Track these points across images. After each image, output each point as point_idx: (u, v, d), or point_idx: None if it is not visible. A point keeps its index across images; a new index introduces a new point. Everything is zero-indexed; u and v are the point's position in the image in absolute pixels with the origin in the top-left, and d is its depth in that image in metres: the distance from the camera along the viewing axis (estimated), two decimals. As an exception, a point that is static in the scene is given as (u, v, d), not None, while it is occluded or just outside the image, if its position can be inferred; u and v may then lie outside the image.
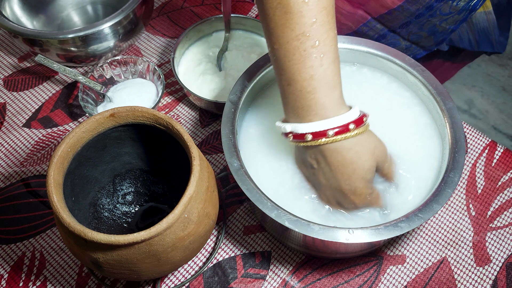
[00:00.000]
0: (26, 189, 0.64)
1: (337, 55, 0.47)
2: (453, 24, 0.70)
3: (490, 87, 1.72)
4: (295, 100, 0.47)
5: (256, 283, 0.58)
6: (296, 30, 0.45)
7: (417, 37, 0.72)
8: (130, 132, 0.53)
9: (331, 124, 0.46)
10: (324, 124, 0.46)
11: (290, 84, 0.47)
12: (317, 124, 0.47)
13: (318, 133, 0.47)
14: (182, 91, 0.74)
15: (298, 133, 0.48)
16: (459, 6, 0.66)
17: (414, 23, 0.70)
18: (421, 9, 0.67)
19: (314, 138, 0.47)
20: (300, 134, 0.48)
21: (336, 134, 0.46)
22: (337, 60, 0.47)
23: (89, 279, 0.58)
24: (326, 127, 0.46)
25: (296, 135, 0.48)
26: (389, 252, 0.60)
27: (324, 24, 0.45)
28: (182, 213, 0.43)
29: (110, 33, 0.70)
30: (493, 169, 0.66)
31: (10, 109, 0.72)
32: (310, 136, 0.47)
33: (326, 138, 0.46)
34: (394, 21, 0.70)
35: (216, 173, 0.66)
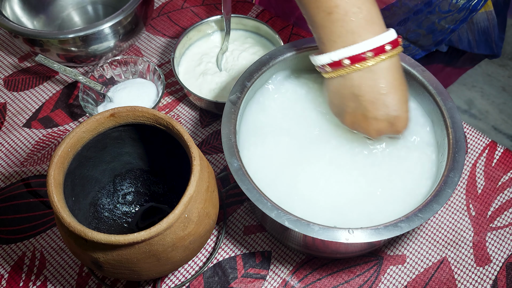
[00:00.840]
0: (26, 189, 0.64)
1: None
2: (453, 24, 0.70)
3: (490, 87, 1.72)
4: (342, 26, 0.46)
5: (256, 283, 0.58)
6: None
7: (415, 35, 0.72)
8: (130, 132, 0.53)
9: (386, 38, 0.46)
10: (381, 38, 0.46)
11: (332, 12, 0.46)
12: (375, 40, 0.46)
13: (378, 49, 0.46)
14: (182, 91, 0.74)
15: (356, 54, 0.46)
16: (458, 4, 0.66)
17: (412, 19, 0.69)
18: (420, 5, 0.67)
19: (375, 55, 0.46)
20: (359, 55, 0.46)
21: (392, 49, 0.46)
22: None
23: (89, 279, 0.58)
24: (384, 41, 0.46)
25: (353, 58, 0.46)
26: (389, 252, 0.60)
27: None
28: (182, 213, 0.44)
29: (111, 33, 0.70)
30: (493, 169, 0.66)
31: (10, 109, 0.72)
32: (370, 54, 0.46)
33: (385, 54, 0.46)
34: (392, 17, 0.70)
35: (216, 173, 0.66)
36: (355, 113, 0.50)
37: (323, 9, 0.47)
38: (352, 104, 0.49)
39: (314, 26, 0.49)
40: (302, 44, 0.59)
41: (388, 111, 0.48)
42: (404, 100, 0.49)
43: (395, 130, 0.50)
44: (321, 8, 0.47)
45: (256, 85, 0.58)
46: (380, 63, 0.46)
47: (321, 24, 0.48)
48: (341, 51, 0.47)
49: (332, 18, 0.47)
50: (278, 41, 0.70)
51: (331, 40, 0.48)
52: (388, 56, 0.46)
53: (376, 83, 0.47)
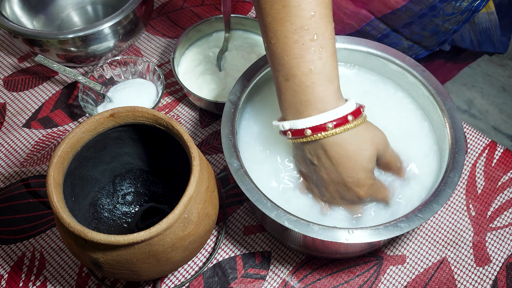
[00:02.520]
0: (26, 189, 0.64)
1: (335, 49, 0.47)
2: (456, 25, 0.70)
3: (490, 87, 1.72)
4: (293, 96, 0.47)
5: (256, 283, 0.58)
6: (295, 23, 0.44)
7: (419, 37, 0.72)
8: (130, 132, 0.53)
9: (329, 117, 0.46)
10: (323, 117, 0.46)
11: (288, 79, 0.47)
12: (316, 118, 0.46)
13: (318, 127, 0.46)
14: (182, 91, 0.74)
15: (297, 129, 0.47)
16: (462, 6, 0.66)
17: (417, 23, 0.69)
18: (425, 9, 0.67)
19: (313, 132, 0.46)
20: (299, 130, 0.47)
21: (335, 127, 0.46)
22: (335, 53, 0.47)
23: (89, 279, 0.58)
24: (325, 120, 0.46)
25: (295, 132, 0.48)
26: (389, 252, 0.60)
27: (322, 17, 0.45)
28: (182, 213, 0.44)
29: (110, 33, 0.70)
30: (493, 169, 0.66)
31: (10, 109, 0.72)
32: (309, 131, 0.46)
33: (326, 132, 0.46)
34: (397, 21, 0.70)
35: (216, 173, 0.66)
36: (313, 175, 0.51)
37: (282, 74, 0.47)
38: (310, 166, 0.50)
39: (276, 87, 0.49)
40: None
41: (341, 178, 0.48)
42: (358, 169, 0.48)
43: (355, 195, 0.49)
44: (281, 72, 0.47)
45: (256, 85, 0.58)
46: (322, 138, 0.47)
47: (279, 88, 0.48)
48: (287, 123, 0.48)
49: (287, 85, 0.47)
50: (278, 41, 0.70)
51: (284, 108, 0.49)
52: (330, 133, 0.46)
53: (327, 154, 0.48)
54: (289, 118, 0.49)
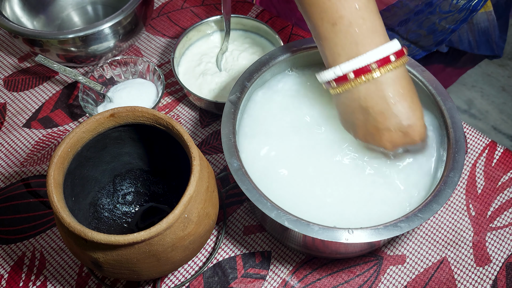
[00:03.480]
0: (26, 189, 0.64)
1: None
2: (453, 24, 0.70)
3: (490, 87, 1.72)
4: (345, 37, 0.46)
5: (256, 283, 0.58)
6: None
7: (416, 35, 0.72)
8: (130, 132, 0.53)
9: (391, 48, 0.46)
10: (385, 49, 0.45)
11: (336, 22, 0.46)
12: (378, 50, 0.45)
13: (383, 60, 0.45)
14: (182, 91, 0.74)
15: (360, 66, 0.46)
16: (459, 4, 0.66)
17: (413, 20, 0.69)
18: (420, 6, 0.67)
19: (380, 66, 0.45)
20: (363, 68, 0.45)
21: (397, 59, 0.46)
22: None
23: (89, 279, 0.58)
24: (388, 52, 0.45)
25: (358, 71, 0.46)
26: (389, 252, 0.60)
27: None
28: (182, 213, 0.44)
29: (110, 33, 0.70)
30: (493, 169, 0.66)
31: (10, 109, 0.72)
32: (375, 66, 0.45)
33: (391, 64, 0.45)
34: (392, 18, 0.70)
35: (216, 173, 0.66)
36: (366, 126, 0.49)
37: (327, 20, 0.46)
38: (361, 117, 0.49)
39: (318, 38, 0.48)
40: (302, 44, 0.59)
41: (399, 121, 0.47)
42: (415, 108, 0.48)
43: (410, 140, 0.49)
44: (325, 19, 0.46)
45: (256, 85, 0.58)
46: (386, 74, 0.46)
47: (325, 36, 0.47)
48: (345, 64, 0.46)
49: (336, 29, 0.46)
50: (278, 41, 0.70)
51: (335, 53, 0.47)
52: (393, 66, 0.46)
53: (384, 93, 0.46)
54: (343, 61, 0.47)
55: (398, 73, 0.47)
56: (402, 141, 0.49)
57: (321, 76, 0.50)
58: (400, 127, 0.47)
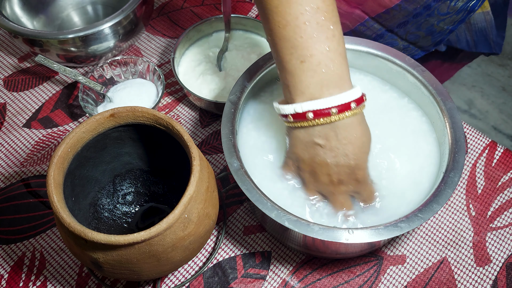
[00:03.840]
0: (26, 189, 0.64)
1: (340, 26, 0.47)
2: (451, 25, 0.70)
3: (490, 87, 1.72)
4: (312, 76, 0.46)
5: (256, 283, 0.58)
6: (302, 3, 0.44)
7: (414, 37, 0.72)
8: (130, 132, 0.53)
9: (353, 95, 0.46)
10: (348, 95, 0.46)
11: (305, 60, 0.46)
12: (341, 96, 0.46)
13: (343, 106, 0.46)
14: (182, 91, 0.74)
15: (320, 109, 0.46)
16: (457, 6, 0.66)
17: (411, 22, 0.69)
18: (419, 9, 0.67)
19: (339, 112, 0.46)
20: (323, 110, 0.46)
21: (357, 106, 0.46)
22: (341, 30, 0.47)
23: (89, 279, 0.58)
24: (350, 99, 0.46)
25: (317, 112, 0.46)
26: (389, 252, 0.60)
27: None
28: (182, 213, 0.44)
29: (110, 33, 0.70)
30: (493, 169, 0.66)
31: (10, 109, 0.72)
32: (335, 110, 0.46)
33: (350, 111, 0.46)
34: (391, 20, 0.70)
35: (216, 173, 0.66)
36: (315, 159, 0.49)
37: (296, 56, 0.46)
38: (312, 151, 0.49)
39: (284, 72, 0.48)
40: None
41: (347, 160, 0.48)
42: (363, 151, 0.48)
43: (355, 178, 0.49)
44: (295, 55, 0.46)
45: (256, 85, 0.58)
46: (343, 120, 0.46)
47: (291, 72, 0.47)
48: (306, 104, 0.46)
49: (303, 67, 0.46)
50: (278, 41, 0.70)
51: (298, 90, 0.47)
52: (352, 113, 0.46)
53: (338, 136, 0.47)
54: (304, 100, 0.47)
55: (354, 120, 0.47)
56: (348, 179, 0.49)
57: (279, 109, 0.50)
58: (348, 164, 0.48)
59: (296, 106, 0.47)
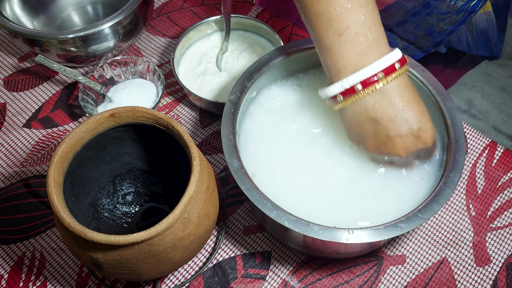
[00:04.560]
0: (26, 189, 0.64)
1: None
2: (451, 25, 0.69)
3: (490, 87, 1.72)
4: (351, 48, 0.46)
5: (256, 283, 0.58)
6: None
7: (414, 36, 0.72)
8: (130, 132, 0.53)
9: (395, 56, 0.46)
10: (390, 58, 0.46)
11: (342, 33, 0.46)
12: (384, 60, 0.45)
13: (388, 68, 0.45)
14: (182, 91, 0.74)
15: (367, 77, 0.46)
16: (457, 5, 0.66)
17: (411, 21, 0.69)
18: (418, 7, 0.66)
19: (386, 75, 0.45)
20: (370, 78, 0.45)
21: (401, 66, 0.46)
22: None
23: (89, 279, 0.58)
24: (393, 60, 0.46)
25: (365, 82, 0.46)
26: (389, 252, 0.60)
27: None
28: (182, 213, 0.44)
29: (110, 33, 0.70)
30: (493, 169, 0.66)
31: (10, 109, 0.72)
32: (381, 75, 0.45)
33: (396, 72, 0.46)
34: (390, 18, 0.70)
35: (216, 173, 0.66)
36: (377, 136, 0.49)
37: (333, 30, 0.46)
38: (371, 128, 0.48)
39: (322, 49, 0.48)
40: (302, 44, 0.59)
41: (410, 125, 0.47)
42: (422, 111, 0.48)
43: (422, 143, 0.49)
44: (331, 29, 0.46)
45: (256, 85, 0.58)
46: (391, 82, 0.46)
47: (330, 47, 0.47)
48: (352, 76, 0.46)
49: (341, 40, 0.46)
50: (278, 41, 0.70)
51: (340, 65, 0.47)
52: (398, 74, 0.46)
53: (391, 101, 0.47)
54: (349, 73, 0.47)
55: (402, 80, 0.47)
56: (414, 145, 0.49)
57: (326, 92, 0.49)
58: (412, 131, 0.48)
59: (343, 82, 0.47)
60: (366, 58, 0.46)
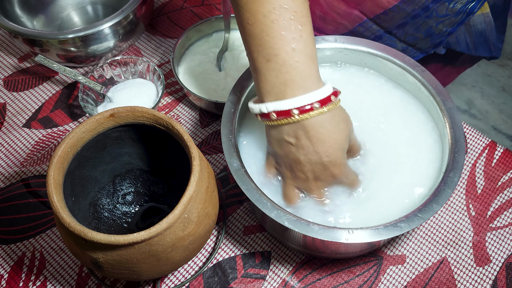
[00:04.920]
0: (26, 189, 0.64)
1: (312, 27, 0.47)
2: (450, 27, 0.70)
3: (490, 87, 1.72)
4: (276, 76, 0.46)
5: (256, 283, 0.58)
6: (272, 2, 0.44)
7: (413, 38, 0.72)
8: (130, 132, 0.53)
9: (316, 96, 0.46)
10: (310, 97, 0.46)
11: (270, 59, 0.46)
12: (303, 98, 0.46)
13: (305, 107, 0.46)
14: (182, 91, 0.74)
15: (283, 110, 0.46)
16: (455, 8, 0.66)
17: (410, 24, 0.69)
18: (417, 10, 0.67)
19: (301, 113, 0.46)
20: (285, 111, 0.46)
21: (321, 106, 0.46)
22: (312, 31, 0.47)
23: (89, 279, 0.58)
24: (312, 100, 0.46)
25: (280, 113, 0.47)
26: (389, 252, 0.60)
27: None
28: (182, 213, 0.44)
29: (110, 33, 0.70)
30: (493, 169, 0.66)
31: (10, 109, 0.72)
32: (296, 111, 0.46)
33: (312, 112, 0.46)
34: (390, 21, 0.70)
35: (216, 173, 0.66)
36: (289, 156, 0.49)
37: (262, 55, 0.46)
38: (286, 148, 0.49)
39: (252, 69, 0.49)
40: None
41: (319, 157, 0.48)
42: (336, 148, 0.48)
43: (331, 175, 0.49)
44: (261, 53, 0.46)
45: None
46: (308, 119, 0.46)
47: (259, 70, 0.47)
48: (270, 104, 0.47)
49: (269, 66, 0.46)
50: (278, 41, 0.70)
51: (265, 90, 0.48)
52: (317, 113, 0.46)
53: (306, 134, 0.47)
54: (270, 100, 0.47)
55: (324, 118, 0.47)
56: (324, 175, 0.49)
57: (251, 107, 0.50)
58: (321, 162, 0.48)
59: (262, 106, 0.48)
60: (288, 91, 0.46)
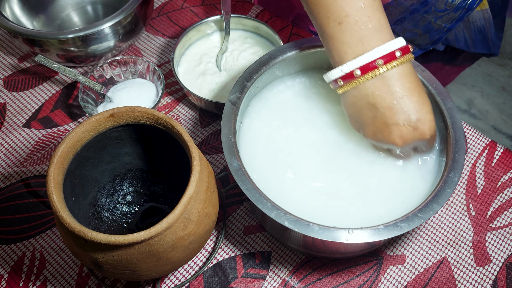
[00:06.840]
0: (26, 189, 0.64)
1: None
2: (449, 23, 0.69)
3: (490, 87, 1.72)
4: (352, 35, 0.47)
5: (256, 283, 0.58)
6: None
7: (412, 34, 0.72)
8: (130, 132, 0.53)
9: (396, 44, 0.46)
10: (391, 45, 0.46)
11: (342, 21, 0.47)
12: (384, 47, 0.46)
13: (388, 55, 0.46)
14: (182, 91, 0.74)
15: (366, 63, 0.46)
16: (454, 3, 0.66)
17: (408, 19, 0.69)
18: (416, 4, 0.67)
19: (385, 63, 0.46)
20: (369, 64, 0.46)
21: (402, 55, 0.46)
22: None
23: (89, 279, 0.58)
24: (394, 48, 0.46)
25: (364, 67, 0.47)
26: (389, 252, 0.60)
27: None
28: (182, 213, 0.44)
29: (110, 33, 0.70)
30: (493, 169, 0.66)
31: (10, 109, 0.72)
32: (381, 62, 0.46)
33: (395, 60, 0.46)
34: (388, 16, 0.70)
35: (216, 173, 0.66)
36: (375, 122, 0.49)
37: (333, 19, 0.47)
38: (370, 114, 0.49)
39: (325, 37, 0.49)
40: (302, 44, 0.59)
41: (408, 115, 0.47)
42: (423, 102, 0.48)
43: (420, 135, 0.49)
44: (331, 18, 0.47)
45: (256, 85, 0.58)
46: (392, 69, 0.46)
47: (331, 35, 0.48)
48: (351, 62, 0.47)
49: (342, 28, 0.47)
50: (278, 41, 0.70)
51: (341, 52, 0.48)
52: (399, 62, 0.47)
53: (391, 89, 0.47)
54: (350, 59, 0.48)
55: (404, 69, 0.47)
56: (411, 136, 0.49)
57: (328, 76, 0.50)
58: (409, 121, 0.48)
59: (343, 67, 0.48)
60: (367, 45, 0.47)
